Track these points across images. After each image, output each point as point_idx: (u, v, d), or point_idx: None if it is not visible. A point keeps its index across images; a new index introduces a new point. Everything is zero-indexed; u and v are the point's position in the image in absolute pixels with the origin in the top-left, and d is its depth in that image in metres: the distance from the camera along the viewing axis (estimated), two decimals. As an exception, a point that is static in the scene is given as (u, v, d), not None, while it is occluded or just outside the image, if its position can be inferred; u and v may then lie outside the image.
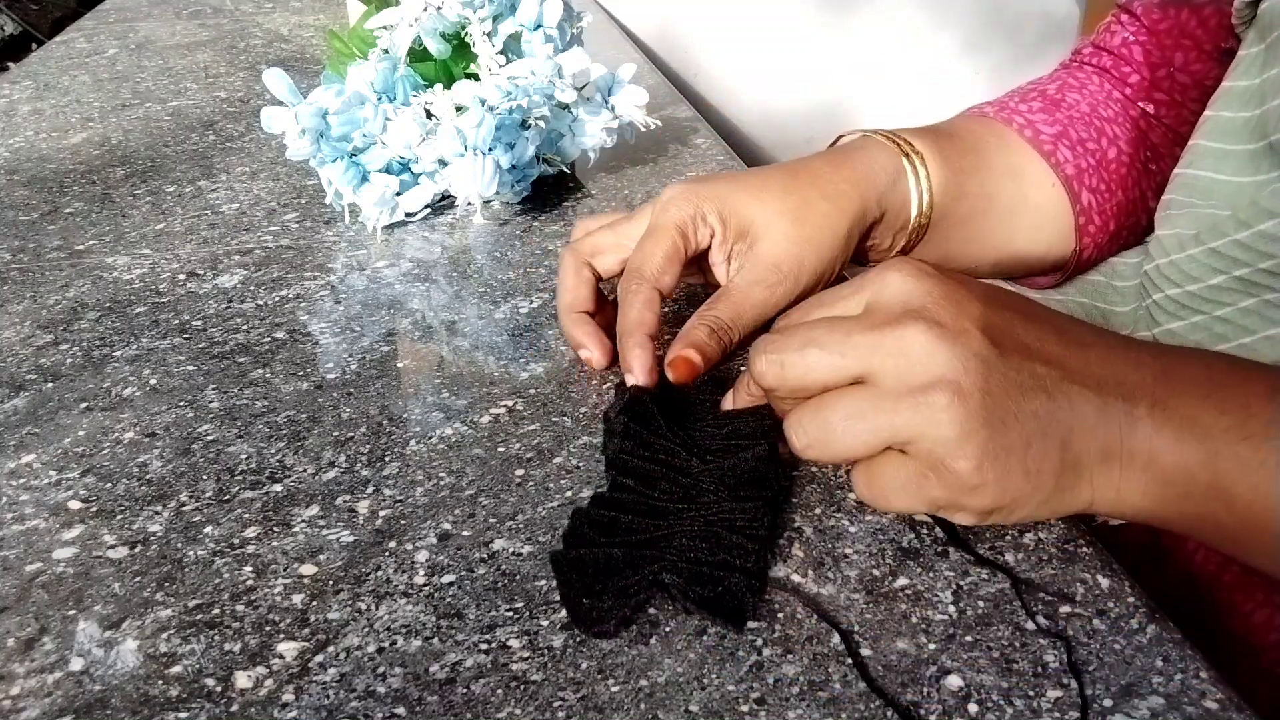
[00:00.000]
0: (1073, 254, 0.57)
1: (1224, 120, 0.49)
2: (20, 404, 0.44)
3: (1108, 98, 0.58)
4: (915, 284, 0.34)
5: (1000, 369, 0.32)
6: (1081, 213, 0.56)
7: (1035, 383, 0.32)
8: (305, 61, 1.00)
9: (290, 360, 0.48)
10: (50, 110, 0.85)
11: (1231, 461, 0.32)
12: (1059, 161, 0.55)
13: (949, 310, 0.33)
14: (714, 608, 0.32)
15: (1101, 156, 0.57)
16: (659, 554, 0.34)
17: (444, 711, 0.29)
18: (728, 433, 0.39)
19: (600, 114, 0.65)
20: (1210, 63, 0.55)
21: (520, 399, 0.44)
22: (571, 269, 0.47)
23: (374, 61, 0.60)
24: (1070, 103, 0.58)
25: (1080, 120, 0.57)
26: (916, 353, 0.33)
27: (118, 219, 0.64)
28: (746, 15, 1.33)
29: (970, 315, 0.33)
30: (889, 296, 0.34)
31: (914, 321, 0.33)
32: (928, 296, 0.34)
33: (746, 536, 0.34)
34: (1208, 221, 0.47)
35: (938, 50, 1.39)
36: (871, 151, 0.50)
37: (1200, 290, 0.47)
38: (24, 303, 0.53)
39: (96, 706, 0.30)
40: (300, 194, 0.67)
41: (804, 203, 0.46)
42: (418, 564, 0.35)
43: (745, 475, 0.36)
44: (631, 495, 0.36)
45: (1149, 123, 0.58)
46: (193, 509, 0.38)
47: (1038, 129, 0.56)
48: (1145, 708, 0.29)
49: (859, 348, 0.34)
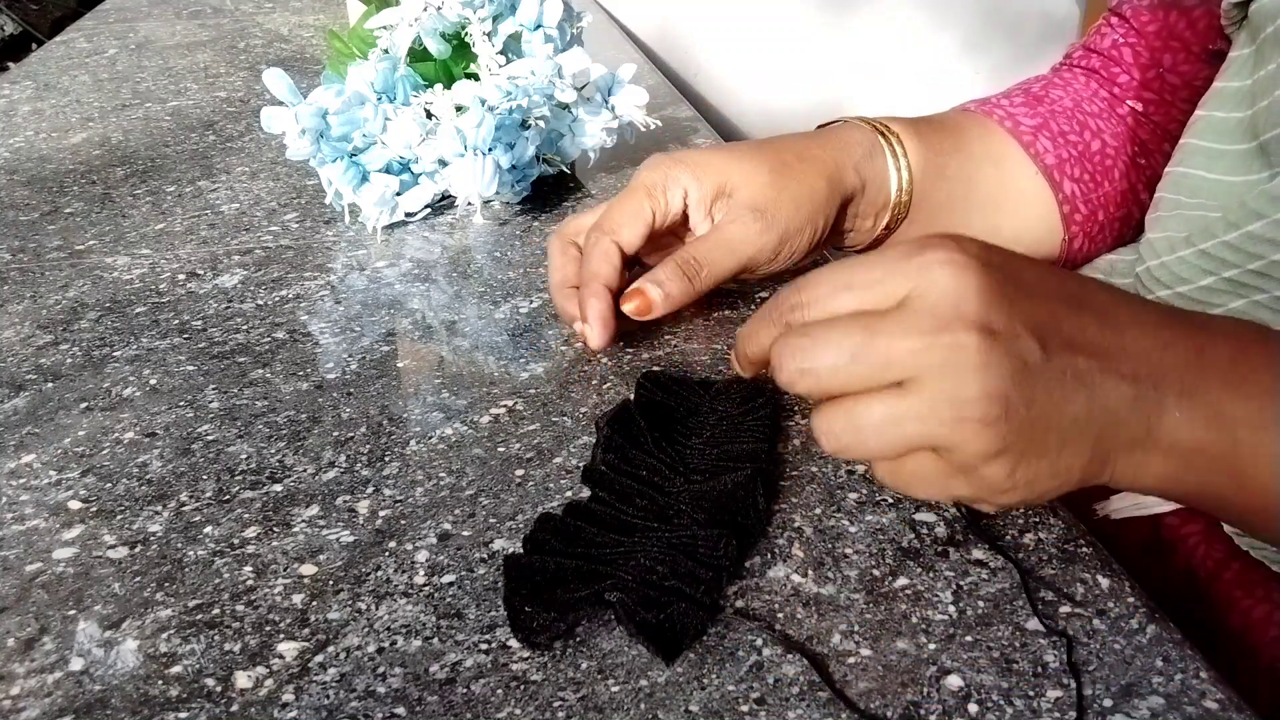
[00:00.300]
0: (1063, 243, 0.58)
1: (1216, 120, 0.49)
2: (20, 404, 0.44)
3: (1093, 95, 0.59)
4: (966, 281, 0.31)
5: (1046, 375, 0.31)
6: (1065, 201, 0.57)
7: (1077, 381, 0.31)
8: (305, 61, 1.00)
9: (290, 360, 0.48)
10: (50, 110, 0.85)
11: (1251, 449, 0.32)
12: (1039, 152, 0.56)
13: (1001, 312, 0.31)
14: (652, 634, 0.31)
15: (1085, 148, 0.58)
16: (613, 571, 0.33)
17: (444, 711, 0.29)
18: (719, 454, 0.38)
19: (600, 114, 0.65)
20: (1199, 64, 0.56)
21: (520, 399, 0.44)
22: (558, 249, 0.49)
23: (374, 61, 0.60)
24: (1053, 99, 0.59)
25: (1062, 114, 0.58)
26: (968, 367, 0.30)
27: (118, 219, 0.64)
28: (746, 15, 1.33)
29: (1021, 314, 0.31)
30: (938, 295, 0.31)
31: (967, 331, 0.30)
32: (980, 297, 0.31)
33: (704, 564, 0.33)
34: (1198, 223, 0.47)
35: (938, 50, 1.38)
36: (847, 129, 0.52)
37: (1191, 291, 0.47)
38: (24, 303, 0.53)
39: (96, 706, 0.30)
40: (300, 194, 0.67)
41: (781, 163, 0.47)
42: (418, 564, 0.35)
43: (720, 500, 0.35)
44: (605, 508, 0.36)
45: (1136, 119, 0.59)
46: (193, 509, 0.38)
47: (1018, 120, 0.57)
48: (1145, 708, 0.29)
49: (904, 357, 0.31)
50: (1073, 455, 0.32)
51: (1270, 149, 0.45)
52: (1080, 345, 0.32)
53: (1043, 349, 0.31)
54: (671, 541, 0.34)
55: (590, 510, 0.36)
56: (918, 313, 0.31)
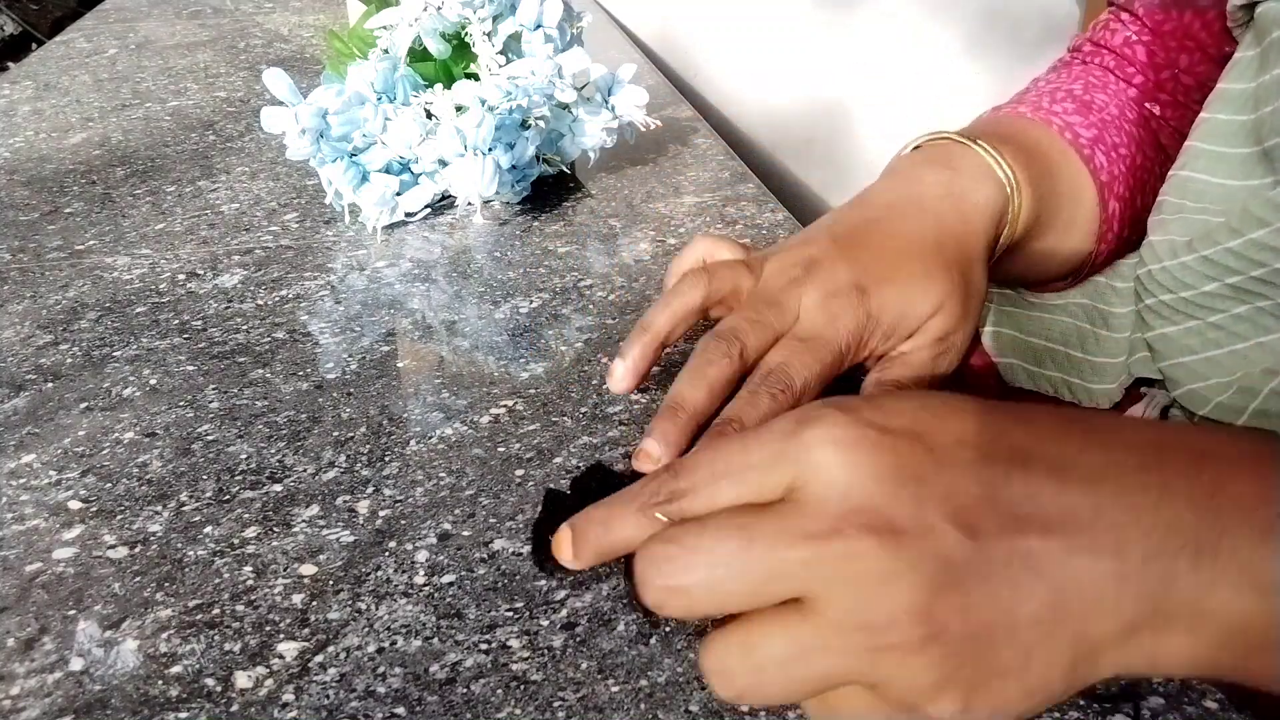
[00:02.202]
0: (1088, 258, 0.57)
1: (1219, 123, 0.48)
2: (20, 404, 0.44)
3: (1128, 101, 0.57)
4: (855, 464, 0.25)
5: (981, 571, 0.24)
6: (1105, 220, 0.55)
7: (1030, 572, 0.24)
8: (305, 61, 1.00)
9: (290, 360, 0.48)
10: (50, 110, 0.85)
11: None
12: (1096, 168, 0.54)
13: (906, 503, 0.24)
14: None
15: (1131, 163, 0.56)
16: None
17: (444, 711, 0.29)
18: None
19: (600, 114, 0.65)
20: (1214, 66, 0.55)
21: (520, 399, 0.44)
22: (686, 305, 0.43)
23: (374, 61, 0.60)
24: (1099, 105, 0.57)
25: (1112, 124, 0.56)
26: (869, 579, 0.24)
27: (118, 219, 0.64)
28: (746, 15, 1.33)
29: (935, 498, 0.25)
30: (822, 487, 0.25)
31: (859, 534, 0.24)
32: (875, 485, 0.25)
33: None
34: (1200, 229, 0.47)
35: (938, 49, 1.39)
36: (992, 190, 0.47)
37: (1193, 297, 0.46)
38: (24, 303, 0.53)
39: (96, 706, 0.30)
40: (300, 194, 0.67)
41: (965, 282, 0.44)
42: (418, 564, 0.35)
43: None
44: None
45: (1158, 124, 0.58)
46: (193, 509, 0.38)
47: (1076, 132, 0.55)
48: (1145, 708, 0.29)
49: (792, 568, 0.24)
50: (1046, 665, 0.24)
51: (1274, 156, 0.44)
52: (1029, 520, 0.25)
53: (971, 537, 0.24)
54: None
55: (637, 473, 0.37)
56: (801, 512, 0.25)
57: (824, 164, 1.41)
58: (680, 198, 0.66)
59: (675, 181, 0.69)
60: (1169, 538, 0.24)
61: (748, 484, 0.26)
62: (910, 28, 1.37)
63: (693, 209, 0.64)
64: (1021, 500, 0.25)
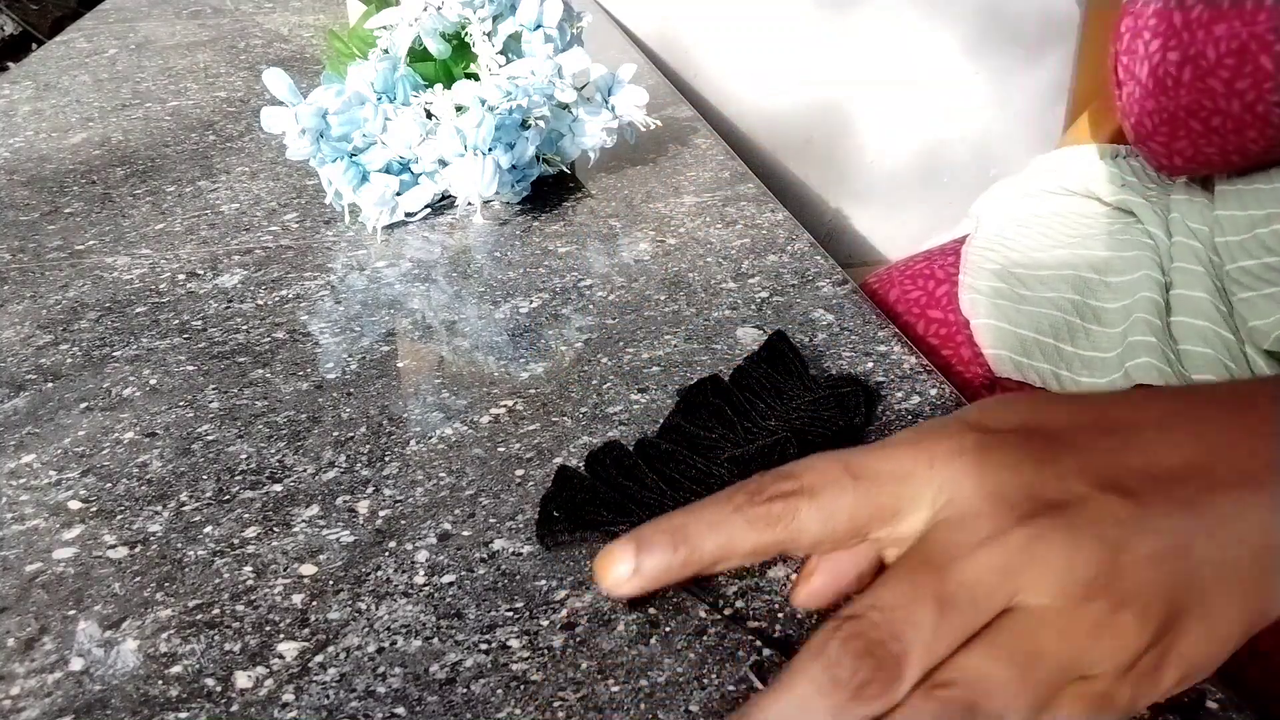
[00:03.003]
0: None
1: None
2: (20, 404, 0.44)
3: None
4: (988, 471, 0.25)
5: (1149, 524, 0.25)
6: None
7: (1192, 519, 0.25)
8: (305, 61, 1.00)
9: (290, 360, 0.48)
10: (50, 110, 0.85)
11: None
12: None
13: (1050, 482, 0.25)
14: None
15: None
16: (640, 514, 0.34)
17: (444, 711, 0.29)
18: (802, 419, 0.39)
19: (600, 114, 0.65)
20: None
21: (520, 399, 0.44)
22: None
23: (374, 61, 0.60)
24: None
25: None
26: (1056, 554, 0.24)
27: (118, 219, 0.64)
28: (746, 15, 1.33)
29: (1074, 473, 0.25)
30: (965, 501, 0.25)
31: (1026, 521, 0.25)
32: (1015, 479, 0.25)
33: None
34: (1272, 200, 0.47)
35: (938, 49, 1.38)
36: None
37: (1276, 263, 0.47)
38: (24, 303, 0.53)
39: (96, 706, 0.30)
40: (300, 194, 0.67)
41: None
42: (418, 564, 0.35)
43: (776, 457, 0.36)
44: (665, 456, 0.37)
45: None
46: (193, 509, 0.38)
47: None
48: (1145, 708, 0.29)
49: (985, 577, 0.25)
50: (1225, 603, 0.25)
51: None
52: (1167, 475, 0.26)
53: (1126, 496, 0.25)
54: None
55: (652, 453, 0.38)
56: (960, 527, 0.25)
57: (824, 164, 1.41)
58: (680, 198, 0.66)
59: (675, 181, 0.69)
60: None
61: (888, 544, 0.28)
62: (910, 28, 1.37)
63: (693, 209, 0.64)
64: (1149, 460, 0.26)
